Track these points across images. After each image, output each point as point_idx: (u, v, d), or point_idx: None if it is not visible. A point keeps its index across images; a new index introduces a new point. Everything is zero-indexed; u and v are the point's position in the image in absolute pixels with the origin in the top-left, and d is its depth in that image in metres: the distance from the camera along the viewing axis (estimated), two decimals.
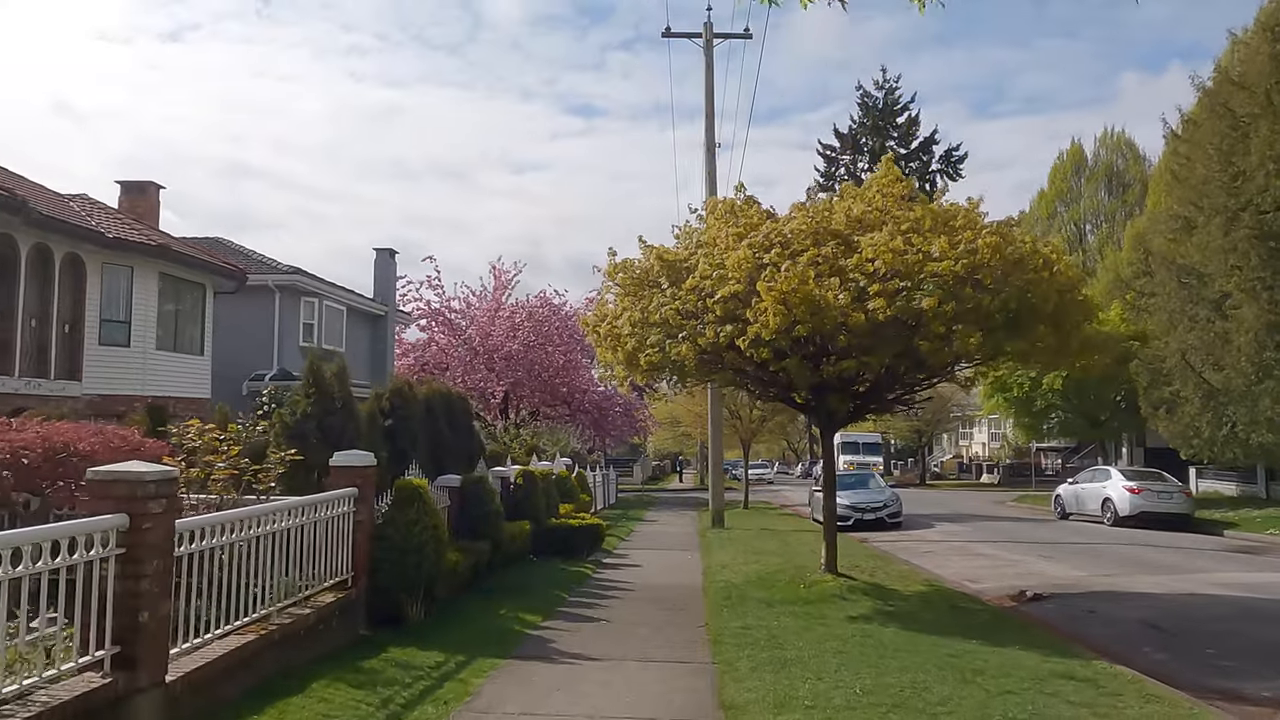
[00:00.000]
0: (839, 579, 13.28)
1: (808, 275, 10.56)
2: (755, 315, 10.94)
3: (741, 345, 11.21)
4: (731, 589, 12.99)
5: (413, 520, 10.31)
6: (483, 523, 13.53)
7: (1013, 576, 15.82)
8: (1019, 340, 10.89)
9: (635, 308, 12.39)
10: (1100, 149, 44.06)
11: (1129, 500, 25.02)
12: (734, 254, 11.44)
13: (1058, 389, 31.70)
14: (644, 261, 12.82)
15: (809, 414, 14.00)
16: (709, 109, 24.14)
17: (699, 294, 11.74)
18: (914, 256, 10.85)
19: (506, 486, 16.88)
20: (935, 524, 26.73)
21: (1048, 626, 11.13)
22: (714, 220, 12.77)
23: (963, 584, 14.94)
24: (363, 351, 30.88)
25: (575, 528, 17.08)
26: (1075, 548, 20.45)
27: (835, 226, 11.85)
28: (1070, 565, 17.35)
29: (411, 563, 10.15)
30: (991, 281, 10.81)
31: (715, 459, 26.12)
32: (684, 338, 11.71)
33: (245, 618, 7.58)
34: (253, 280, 25.97)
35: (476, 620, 10.59)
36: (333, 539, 9.47)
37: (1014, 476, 49.27)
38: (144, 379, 20.39)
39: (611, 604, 12.09)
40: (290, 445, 10.39)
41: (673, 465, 79.28)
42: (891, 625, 10.43)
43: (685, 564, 16.79)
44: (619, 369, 12.63)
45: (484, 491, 13.68)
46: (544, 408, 37.64)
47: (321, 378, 10.85)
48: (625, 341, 12.21)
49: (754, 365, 12.17)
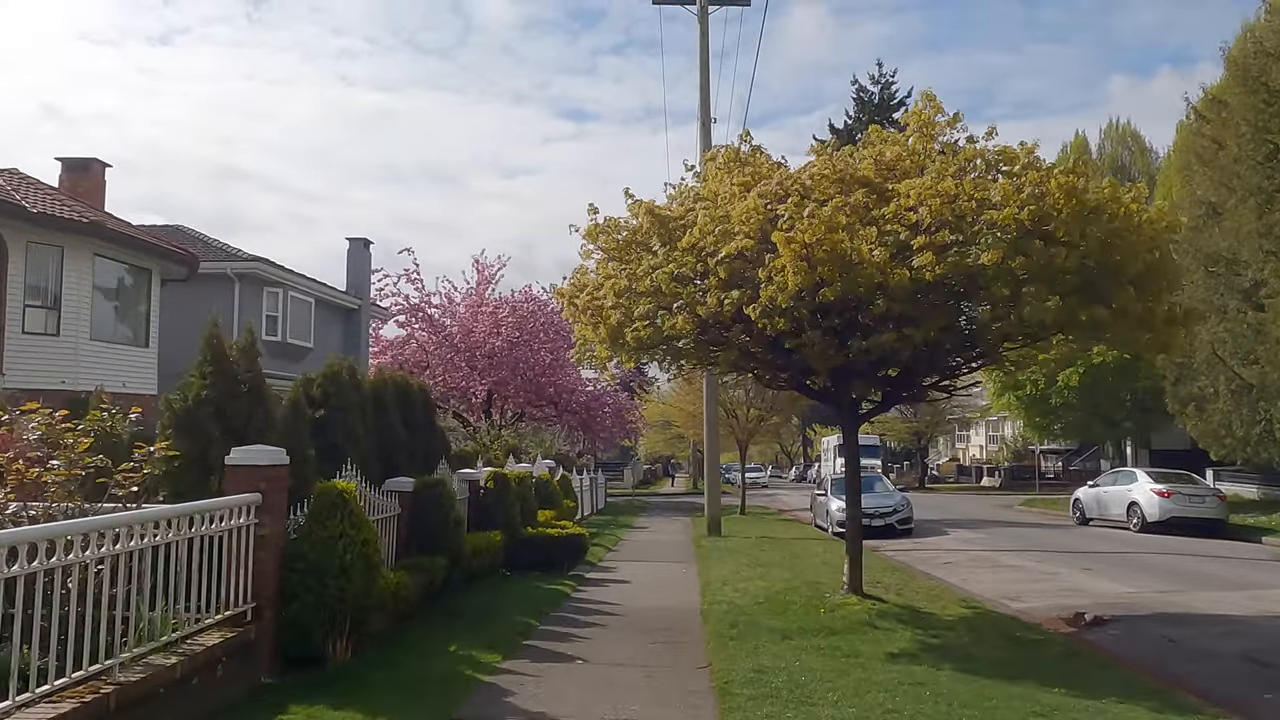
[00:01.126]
0: (865, 601, 10.93)
1: (837, 221, 8.22)
2: (769, 276, 8.61)
3: (751, 315, 8.88)
4: (737, 614, 10.63)
5: (335, 534, 7.94)
6: (439, 534, 11.15)
7: (1055, 593, 13.51)
8: (1097, 307, 8.54)
9: (621, 274, 10.03)
10: (1105, 141, 41.93)
11: (1158, 504, 22.75)
12: (740, 204, 9.11)
13: (1073, 385, 29.39)
14: (631, 220, 10.47)
15: (829, 404, 11.67)
16: (703, 79, 21.81)
17: (698, 254, 9.41)
18: (967, 203, 8.53)
19: (475, 491, 14.49)
20: (948, 530, 24.40)
21: (1132, 664, 8.80)
22: (715, 171, 10.41)
23: (1002, 602, 12.62)
24: (335, 347, 28.32)
25: (555, 538, 14.68)
26: (1110, 558, 18.13)
27: (863, 173, 9.53)
28: (1114, 579, 15.04)
29: (333, 588, 7.77)
30: (1064, 234, 8.49)
31: (711, 461, 23.73)
32: (680, 308, 9.37)
33: (66, 676, 5.24)
34: (210, 268, 23.62)
35: (418, 660, 8.20)
36: (224, 560, 7.15)
37: (1016, 479, 46.97)
38: (77, 371, 17.92)
39: (592, 634, 9.72)
40: (179, 438, 8.02)
41: (664, 469, 76.78)
42: (945, 666, 8.07)
43: (680, 579, 14.42)
44: (600, 349, 10.24)
45: (441, 497, 11.29)
46: (529, 408, 35.18)
47: (221, 352, 8.46)
48: (608, 315, 9.84)
49: (765, 342, 9.83)
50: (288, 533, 8.00)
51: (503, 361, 33.13)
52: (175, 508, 6.83)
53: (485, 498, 14.52)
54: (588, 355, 10.53)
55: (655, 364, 10.81)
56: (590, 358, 10.55)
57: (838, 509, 23.58)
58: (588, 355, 10.53)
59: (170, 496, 7.75)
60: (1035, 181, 8.62)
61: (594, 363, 10.77)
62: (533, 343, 33.66)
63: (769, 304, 8.60)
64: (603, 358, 10.47)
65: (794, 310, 8.72)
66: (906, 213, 8.68)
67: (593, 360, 10.66)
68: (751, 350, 10.55)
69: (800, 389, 11.37)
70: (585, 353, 10.49)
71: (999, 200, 8.44)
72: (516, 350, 33.36)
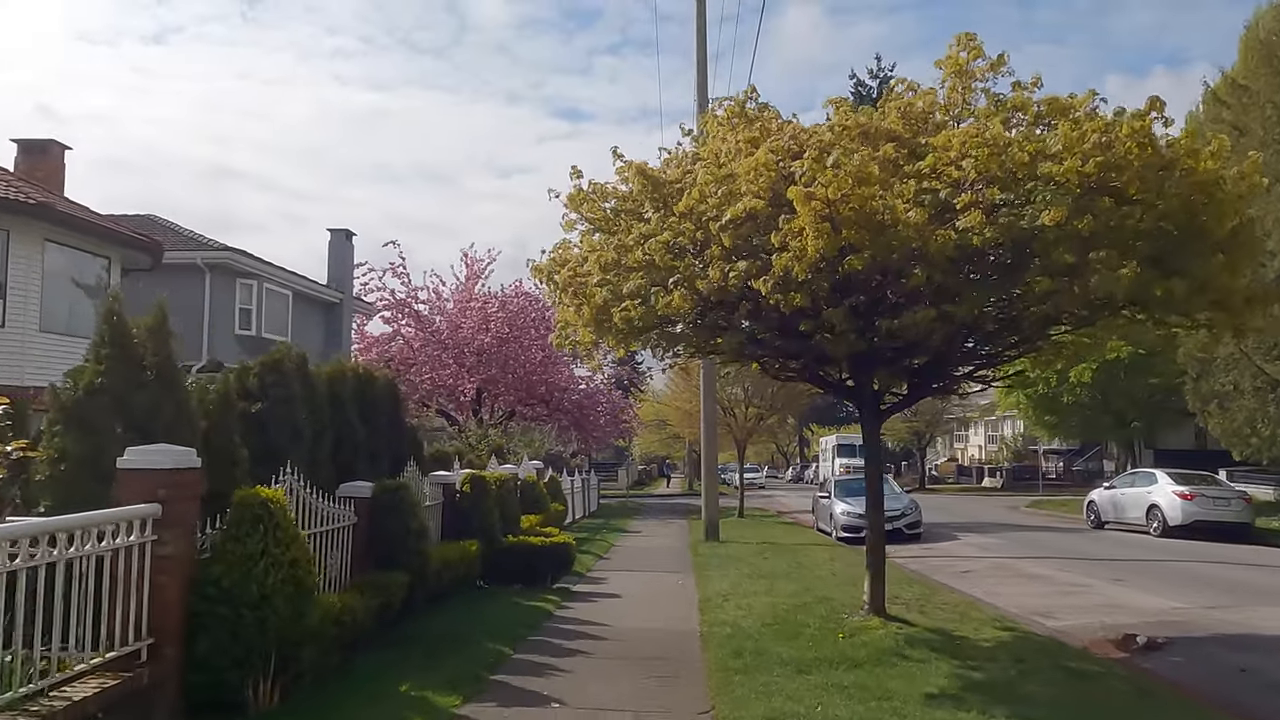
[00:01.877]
0: (889, 624, 9.41)
1: (868, 173, 6.71)
2: (783, 242, 7.10)
3: (761, 290, 7.38)
4: (742, 638, 9.12)
5: (255, 552, 6.42)
6: (399, 546, 9.63)
7: (1091, 609, 12.03)
8: (1174, 279, 7.03)
9: (608, 246, 8.51)
10: None
11: (1180, 507, 21.26)
12: (747, 160, 7.59)
13: (1086, 382, 27.87)
14: (621, 186, 8.95)
15: (846, 398, 10.18)
16: (700, 23, 20.11)
17: (697, 220, 7.90)
18: (1020, 154, 7.03)
19: (451, 496, 12.98)
20: (957, 535, 22.90)
21: (1216, 703, 7.33)
22: (716, 128, 8.89)
23: (1035, 620, 11.14)
24: (314, 343, 26.84)
25: (537, 547, 13.15)
26: (1138, 566, 16.65)
27: (889, 125, 8.02)
28: (1151, 590, 13.56)
29: (250, 619, 6.26)
30: (1137, 190, 7.00)
31: (709, 461, 22.19)
32: (676, 283, 7.85)
33: None
34: (180, 258, 22.05)
35: (360, 705, 6.69)
36: (112, 587, 5.68)
37: (1018, 480, 45.46)
38: (24, 366, 16.37)
39: (574, 665, 8.21)
40: (68, 436, 6.51)
41: (660, 469, 75.16)
42: (998, 713, 6.56)
43: (676, 593, 12.91)
44: (584, 332, 8.71)
45: (402, 504, 9.76)
46: (520, 407, 33.63)
47: (124, 332, 6.93)
48: (593, 293, 8.32)
49: (775, 323, 8.32)
50: (198, 551, 6.50)
51: (492, 359, 31.60)
52: (42, 522, 5.36)
53: (461, 502, 13.01)
54: (569, 341, 9.00)
55: (648, 352, 9.18)
56: (572, 343, 9.02)
57: (843, 512, 22.11)
58: (569, 341, 9.00)
59: (55, 507, 6.27)
60: (1100, 128, 7.12)
61: (577, 349, 9.22)
62: (523, 339, 32.12)
63: (783, 276, 7.10)
64: (586, 343, 8.92)
65: (812, 284, 7.22)
66: (947, 168, 7.19)
67: (575, 346, 9.12)
68: (758, 336, 9.06)
69: (814, 380, 9.85)
70: (566, 337, 8.96)
71: (1058, 151, 6.94)
72: (506, 347, 31.82)
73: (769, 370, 10.18)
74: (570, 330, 8.83)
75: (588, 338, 8.71)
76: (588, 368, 25.14)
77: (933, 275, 6.95)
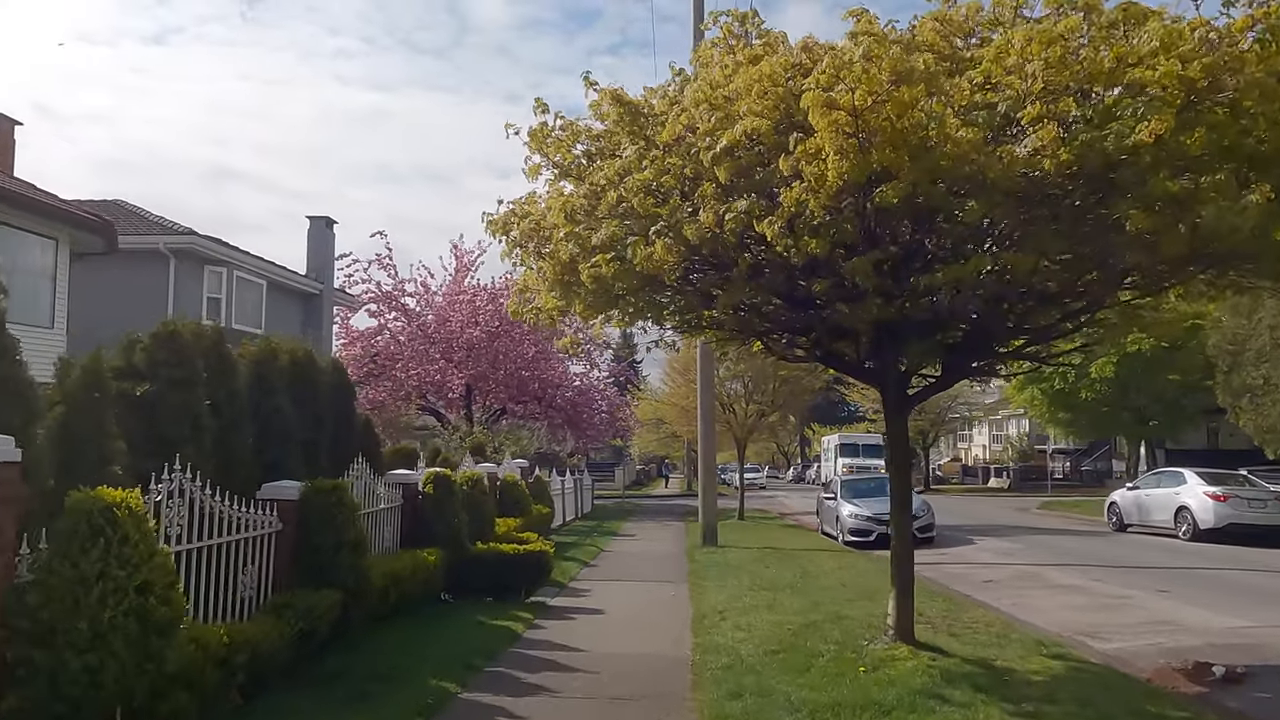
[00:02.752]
0: (919, 653, 7.68)
1: (908, 69, 5.01)
2: (795, 169, 5.40)
3: (767, 234, 5.67)
4: (742, 670, 7.41)
5: (91, 576, 4.73)
6: (332, 558, 7.93)
7: (1143, 628, 10.33)
8: None
9: (579, 190, 6.81)
10: None
11: (1213, 509, 19.51)
12: (750, 70, 5.88)
13: (1108, 376, 26.08)
14: (595, 124, 7.23)
15: (866, 380, 8.49)
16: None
17: (686, 152, 6.20)
18: (1096, 59, 5.33)
19: (412, 498, 11.30)
20: (972, 539, 21.15)
21: None
22: (710, 51, 7.17)
23: (1081, 641, 9.45)
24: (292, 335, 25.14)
25: (508, 556, 11.41)
26: (1177, 575, 14.92)
27: (924, 38, 6.31)
28: (1204, 604, 11.82)
29: (78, 668, 4.58)
30: (1252, 102, 5.29)
31: (707, 460, 20.45)
32: (659, 231, 6.14)
33: None
34: (141, 242, 20.38)
35: None
36: None
37: (1025, 480, 43.67)
38: None
39: (531, 711, 6.49)
40: None
41: (659, 469, 73.32)
42: None
43: (667, 608, 11.20)
44: (546, 297, 6.99)
45: (336, 509, 8.04)
46: (511, 404, 31.92)
47: None
48: (559, 247, 6.62)
49: (782, 284, 6.61)
50: (13, 575, 4.81)
51: (481, 354, 29.92)
52: None
53: (424, 504, 11.32)
54: (530, 309, 7.30)
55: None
56: (533, 312, 7.32)
57: (850, 514, 20.38)
58: (530, 309, 7.30)
59: None
60: (1201, 24, 5.43)
61: (540, 319, 7.45)
62: (514, 333, 30.39)
63: (794, 215, 5.40)
64: (549, 310, 7.20)
65: (832, 226, 5.53)
66: (1006, 78, 5.49)
67: (537, 316, 7.40)
68: (762, 308, 7.36)
69: (828, 361, 8.10)
70: (525, 305, 7.25)
71: (1152, 50, 5.24)
72: (496, 341, 30.13)
73: (774, 349, 8.44)
74: (530, 295, 7.13)
75: (550, 303, 6.98)
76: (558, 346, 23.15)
77: (993, 210, 5.25)
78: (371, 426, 11.53)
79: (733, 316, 7.31)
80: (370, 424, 11.56)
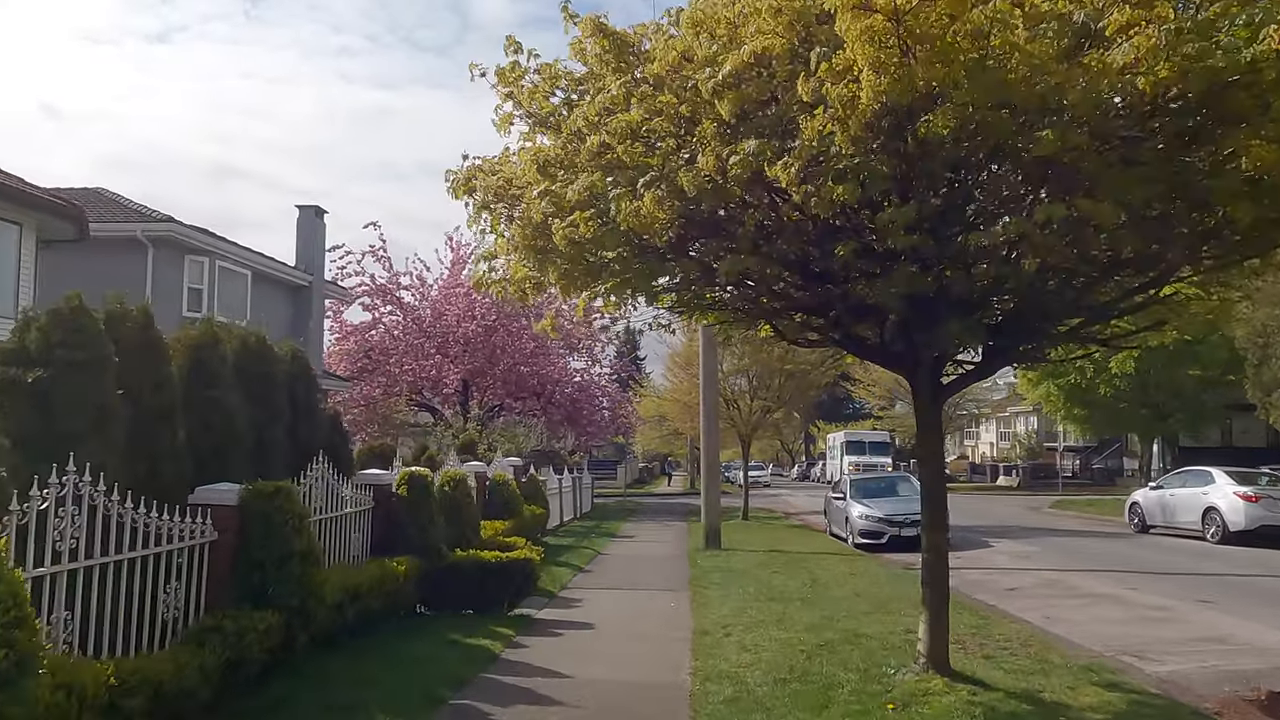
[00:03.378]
0: (955, 686, 6.52)
1: None
2: (818, 92, 4.25)
3: (782, 178, 4.52)
4: (750, 705, 6.25)
5: None
6: (273, 574, 6.79)
7: (1193, 645, 9.17)
8: None
9: (556, 142, 5.66)
10: None
11: (1244, 510, 18.31)
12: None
13: (1129, 372, 24.84)
14: (577, 67, 6.08)
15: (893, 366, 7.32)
16: None
17: (680, 86, 5.04)
18: None
19: (385, 500, 10.16)
20: (989, 541, 19.92)
21: None
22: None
23: (1128, 663, 8.29)
24: (281, 329, 23.77)
25: (489, 565, 10.26)
26: (1217, 582, 13.72)
27: None
28: (1258, 618, 10.57)
29: None
30: None
31: (710, 458, 19.29)
32: (649, 182, 4.99)
33: None
34: (117, 230, 19.29)
35: None
36: None
37: (1035, 479, 42.44)
38: None
39: None
40: None
41: (662, 467, 72.13)
42: None
43: (665, 622, 10.04)
44: (516, 266, 5.84)
45: (280, 514, 6.91)
46: (509, 400, 30.81)
47: None
48: (531, 206, 5.48)
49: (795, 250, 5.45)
50: None
51: (478, 348, 28.85)
52: None
53: (397, 507, 10.18)
54: (496, 281, 6.14)
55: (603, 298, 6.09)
56: (500, 284, 6.16)
57: (861, 516, 19.17)
58: (496, 281, 6.14)
59: None
60: None
61: (510, 292, 6.26)
62: (511, 326, 29.34)
63: (817, 150, 4.25)
64: (519, 280, 6.01)
65: (863, 167, 4.37)
66: None
67: (505, 288, 6.24)
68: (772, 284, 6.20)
69: (848, 345, 6.89)
70: (490, 278, 6.10)
71: None
72: (494, 336, 29.06)
73: (785, 333, 7.27)
74: (496, 264, 5.97)
75: (520, 272, 5.83)
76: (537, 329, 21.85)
77: (1069, 138, 4.07)
78: (339, 422, 10.39)
79: (737, 294, 6.14)
80: (338, 419, 10.42)
